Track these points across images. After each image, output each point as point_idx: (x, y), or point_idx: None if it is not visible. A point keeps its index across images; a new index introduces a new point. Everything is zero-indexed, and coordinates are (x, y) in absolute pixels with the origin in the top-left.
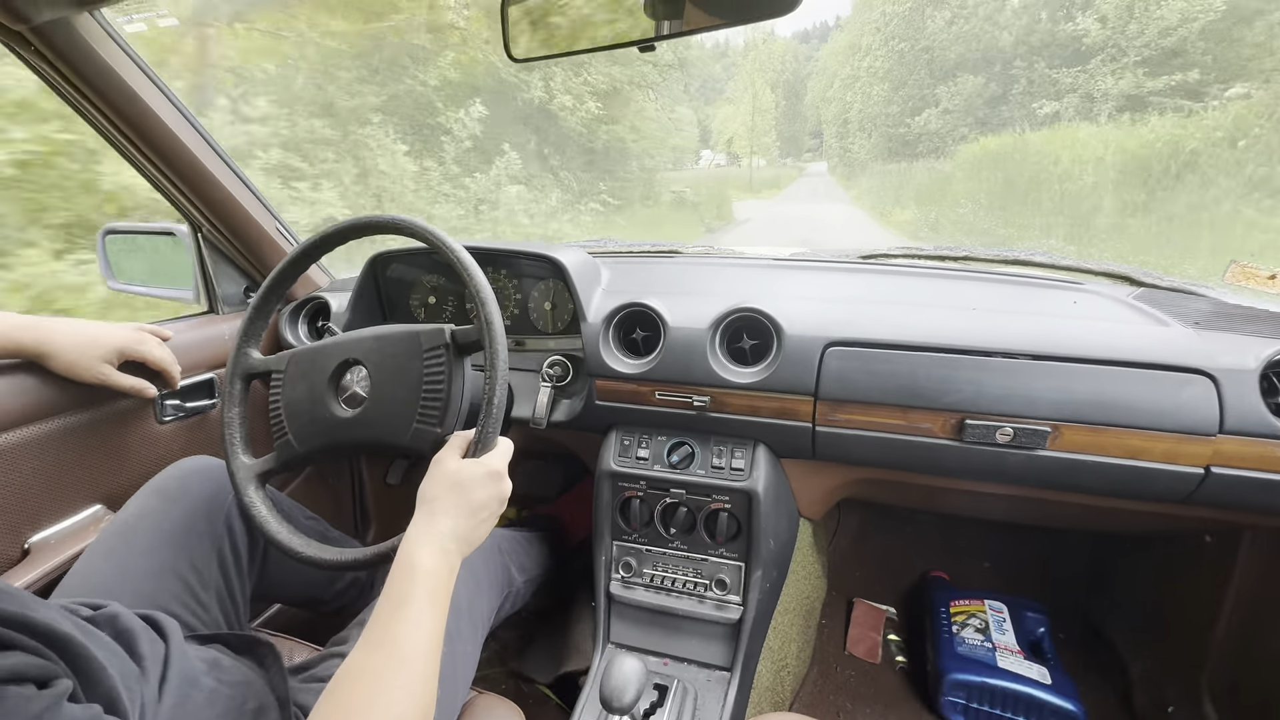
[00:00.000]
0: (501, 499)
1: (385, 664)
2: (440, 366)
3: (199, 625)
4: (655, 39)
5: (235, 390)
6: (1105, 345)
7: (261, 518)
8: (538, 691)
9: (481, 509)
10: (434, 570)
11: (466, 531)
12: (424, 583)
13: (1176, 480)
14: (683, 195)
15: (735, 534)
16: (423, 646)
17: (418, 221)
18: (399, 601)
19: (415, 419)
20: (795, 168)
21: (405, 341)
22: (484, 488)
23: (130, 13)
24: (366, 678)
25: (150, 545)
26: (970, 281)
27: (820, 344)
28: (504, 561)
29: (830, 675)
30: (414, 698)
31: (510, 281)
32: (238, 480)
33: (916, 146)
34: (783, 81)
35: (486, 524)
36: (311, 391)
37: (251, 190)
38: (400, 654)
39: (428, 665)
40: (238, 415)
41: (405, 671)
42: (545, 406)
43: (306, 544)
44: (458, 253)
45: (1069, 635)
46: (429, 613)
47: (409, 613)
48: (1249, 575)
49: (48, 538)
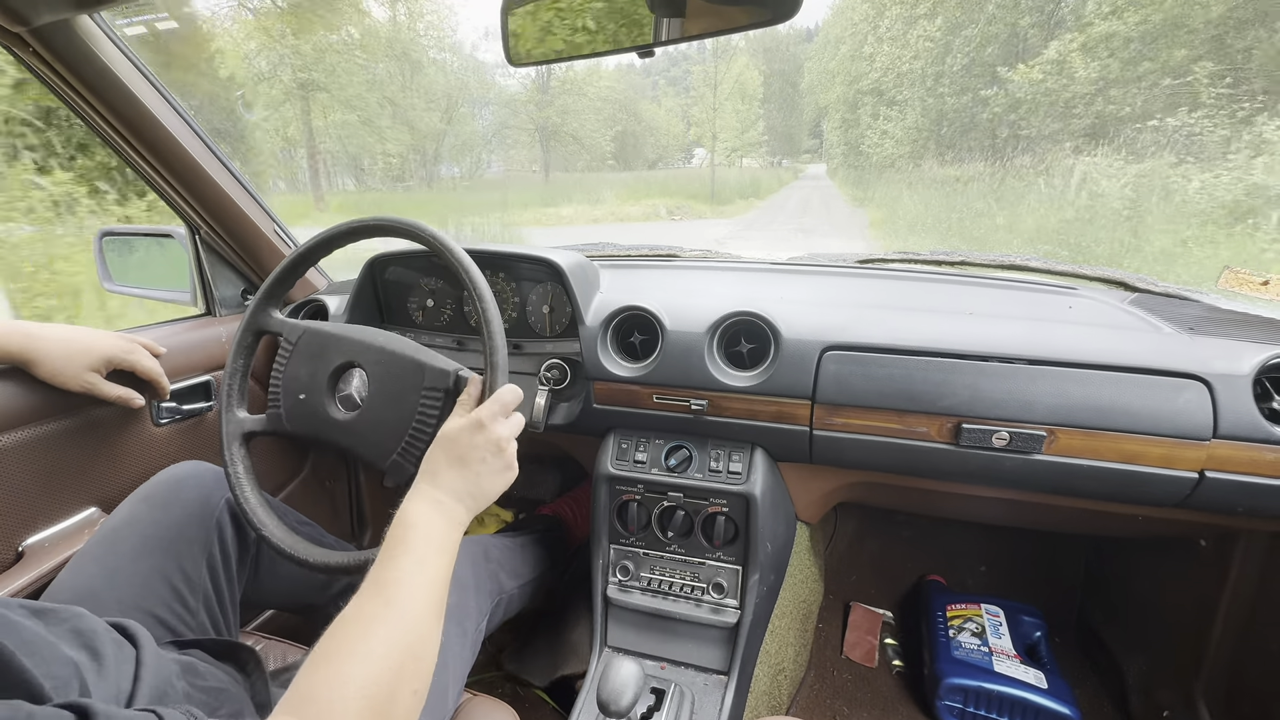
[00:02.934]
0: (492, 445)
1: (374, 610)
2: (434, 409)
3: (185, 630)
4: (654, 44)
5: (246, 341)
6: (1100, 350)
7: (236, 477)
8: (534, 695)
9: (471, 460)
10: (427, 524)
11: (465, 485)
12: (415, 533)
13: (1171, 485)
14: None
15: (733, 537)
16: (414, 592)
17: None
18: (390, 555)
19: (397, 451)
20: (792, 169)
21: (410, 370)
22: (467, 438)
23: (130, 15)
24: (354, 624)
25: (138, 551)
26: (967, 286)
27: (818, 348)
28: (492, 569)
29: (827, 679)
30: (402, 640)
31: (508, 285)
32: (225, 432)
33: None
34: (777, 71)
35: (486, 475)
36: (313, 378)
37: (249, 192)
38: (388, 598)
39: (420, 609)
40: (242, 366)
41: (393, 615)
42: (543, 409)
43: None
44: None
45: (1065, 639)
46: (425, 561)
47: (400, 562)
48: (1244, 579)
49: (42, 541)
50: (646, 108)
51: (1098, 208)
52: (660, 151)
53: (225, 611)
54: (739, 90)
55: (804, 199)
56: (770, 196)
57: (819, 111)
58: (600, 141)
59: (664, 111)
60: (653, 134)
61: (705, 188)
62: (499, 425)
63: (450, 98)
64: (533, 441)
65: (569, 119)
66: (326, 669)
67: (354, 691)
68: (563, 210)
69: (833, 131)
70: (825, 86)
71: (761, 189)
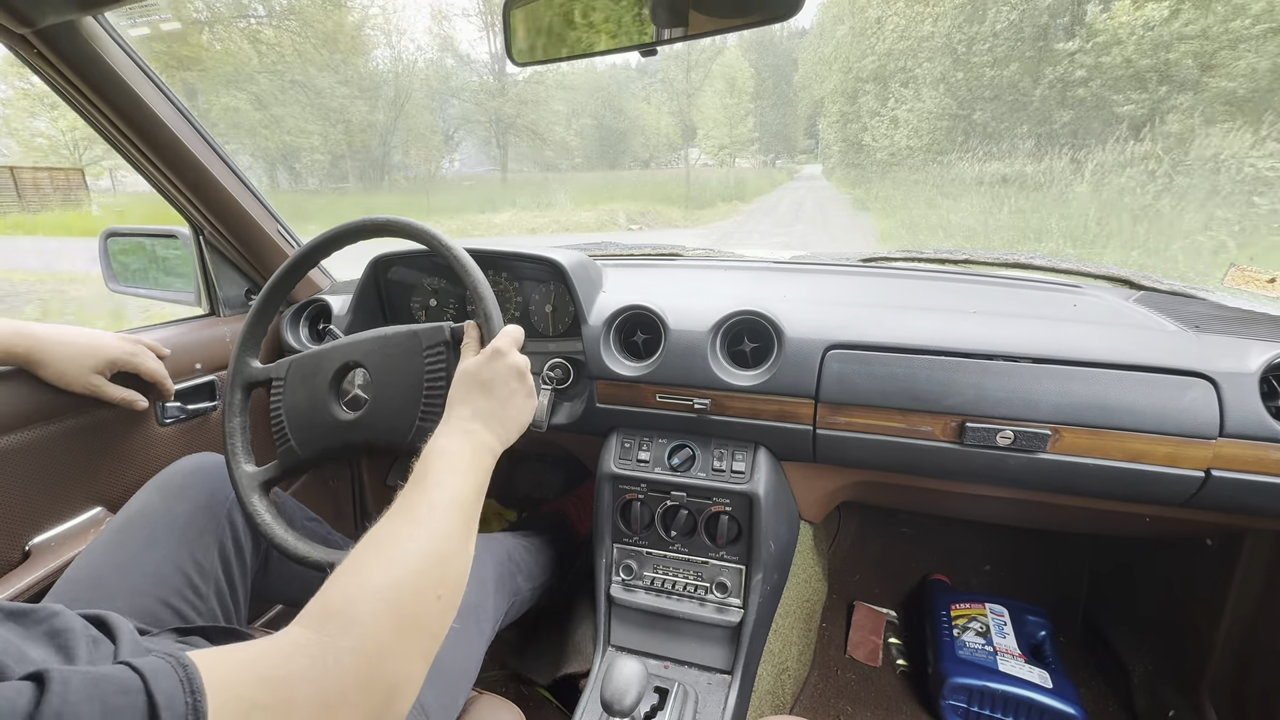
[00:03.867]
0: (514, 369)
1: (397, 527)
2: (440, 364)
3: (195, 618)
4: (656, 43)
5: (236, 399)
6: (1105, 348)
7: (266, 525)
8: (538, 694)
9: (495, 385)
10: (454, 449)
11: (489, 408)
12: (440, 459)
13: (1177, 483)
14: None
15: (736, 537)
16: (439, 510)
17: (418, 224)
18: (417, 479)
19: (418, 417)
20: (787, 170)
21: (405, 341)
22: (488, 365)
23: (134, 16)
24: (381, 541)
25: (150, 540)
26: (971, 284)
27: (821, 347)
28: (512, 570)
29: (831, 678)
30: (427, 548)
31: (511, 284)
32: (241, 489)
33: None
34: (770, 65)
35: (512, 401)
36: (313, 396)
37: (253, 193)
38: (414, 516)
39: (445, 523)
40: (239, 425)
41: (419, 530)
42: (546, 409)
43: (312, 548)
44: (458, 254)
45: (1070, 639)
46: (448, 480)
47: (425, 484)
48: (1250, 579)
49: (48, 540)
50: (635, 104)
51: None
52: (652, 151)
53: (236, 601)
54: (729, 84)
55: (797, 201)
56: (758, 199)
57: (814, 106)
58: (567, 136)
59: (653, 108)
60: (641, 132)
61: (688, 189)
62: (515, 354)
63: (400, 87)
64: (536, 441)
65: (526, 110)
66: (347, 581)
67: (373, 596)
68: (497, 217)
69: (829, 128)
70: (820, 78)
71: (749, 190)
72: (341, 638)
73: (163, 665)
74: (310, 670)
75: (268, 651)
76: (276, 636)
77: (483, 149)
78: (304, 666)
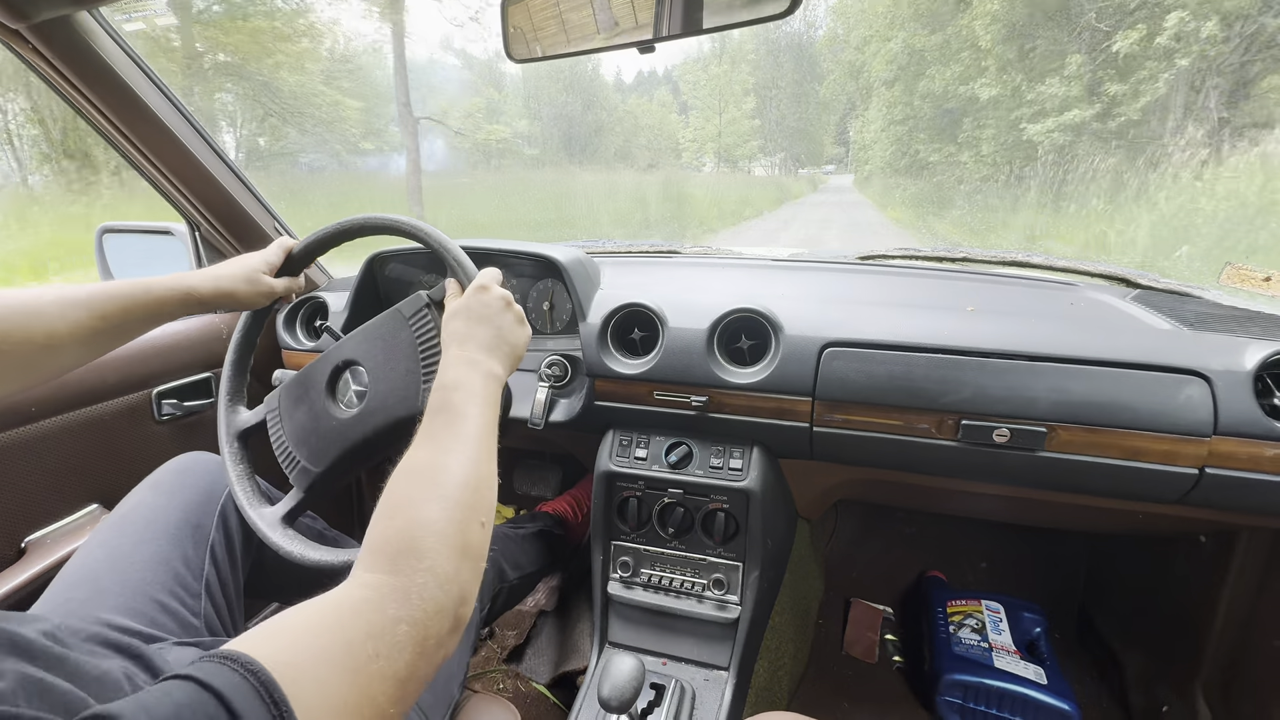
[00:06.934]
0: (502, 299)
1: (430, 458)
2: (429, 325)
3: (190, 618)
4: (655, 40)
5: (234, 449)
6: (1102, 346)
7: (298, 555)
8: (535, 691)
9: (488, 315)
10: (467, 382)
11: (491, 338)
12: (453, 393)
13: (1171, 481)
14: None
15: (733, 534)
16: (466, 439)
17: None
18: (438, 410)
19: (421, 379)
20: (810, 179)
21: (388, 321)
22: (477, 299)
23: (129, 11)
24: (413, 474)
25: (144, 538)
26: (968, 282)
27: (818, 344)
28: (494, 557)
29: (827, 675)
30: (465, 478)
31: (509, 281)
32: (262, 531)
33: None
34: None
35: (507, 327)
36: (312, 409)
37: (249, 189)
38: (443, 446)
39: (474, 450)
40: (244, 471)
41: (451, 460)
42: (543, 406)
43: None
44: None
45: (1065, 635)
46: (470, 410)
47: (444, 417)
48: (1244, 576)
49: (44, 536)
50: (634, 100)
51: None
52: (654, 155)
53: (229, 599)
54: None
55: (823, 219)
56: (750, 221)
57: (849, 86)
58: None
59: (656, 104)
60: (641, 131)
61: (669, 201)
62: (497, 288)
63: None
64: (532, 439)
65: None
66: (403, 518)
67: (431, 531)
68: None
69: (895, 101)
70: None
71: (750, 206)
72: (415, 575)
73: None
74: (402, 610)
75: (360, 605)
76: (354, 587)
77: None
78: (397, 607)
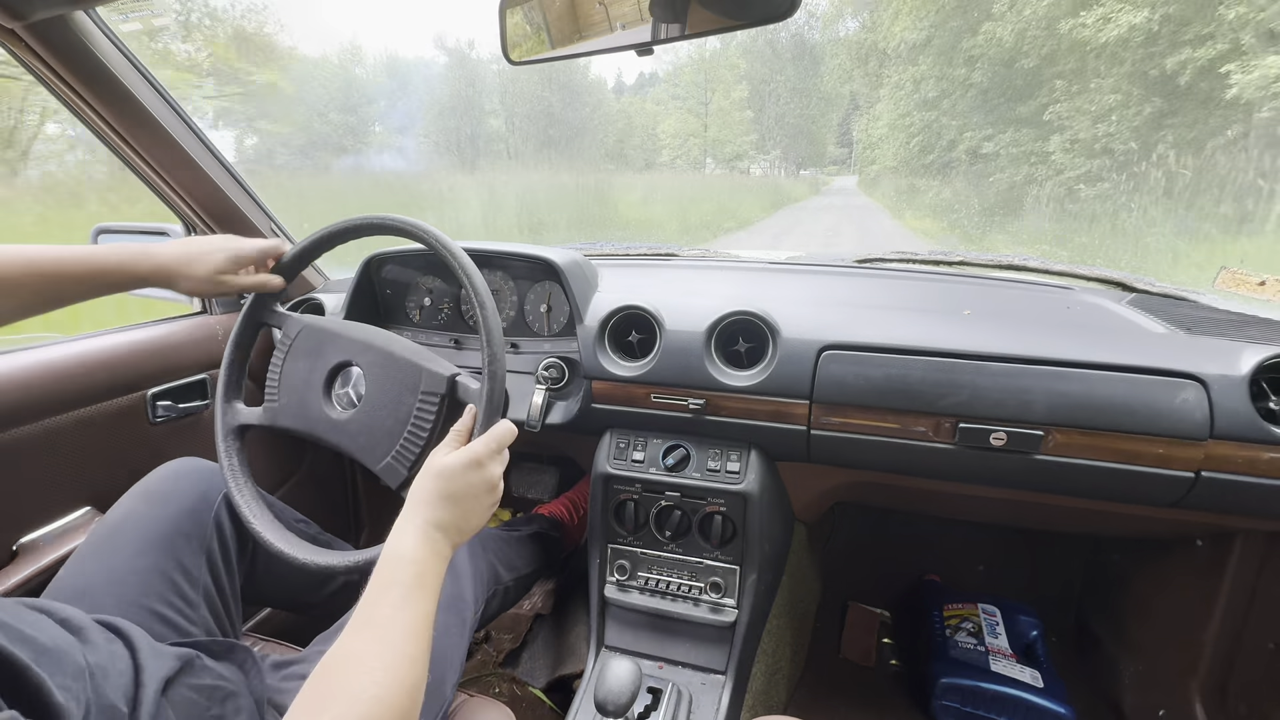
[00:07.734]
0: (487, 483)
1: (368, 646)
2: (431, 414)
3: (187, 625)
4: (653, 43)
5: (245, 334)
6: (1098, 350)
7: (231, 470)
8: (532, 695)
9: (464, 497)
10: (419, 557)
11: (453, 519)
12: (408, 569)
13: (1167, 484)
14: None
15: (730, 537)
16: (408, 629)
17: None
18: (384, 586)
19: (391, 454)
20: (811, 181)
21: (407, 372)
22: (463, 475)
23: (125, 11)
24: (350, 660)
25: (137, 547)
26: (965, 286)
27: (816, 347)
28: (489, 559)
29: (824, 678)
30: (397, 679)
31: (506, 283)
32: (220, 424)
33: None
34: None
35: (476, 512)
36: (310, 374)
37: (246, 190)
38: (384, 636)
39: (413, 647)
40: (239, 358)
41: (389, 653)
42: (540, 408)
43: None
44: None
45: (1061, 639)
46: (415, 596)
47: (392, 597)
48: (1241, 579)
49: (36, 539)
50: (629, 99)
51: None
52: (649, 155)
53: (227, 606)
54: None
55: (830, 229)
56: (732, 234)
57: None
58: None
59: (652, 103)
60: (637, 131)
61: (649, 205)
62: (495, 464)
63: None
64: (530, 441)
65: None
66: (335, 709)
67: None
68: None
69: (922, 76)
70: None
71: (734, 215)
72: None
73: None
74: None
75: None
76: None
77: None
78: None
